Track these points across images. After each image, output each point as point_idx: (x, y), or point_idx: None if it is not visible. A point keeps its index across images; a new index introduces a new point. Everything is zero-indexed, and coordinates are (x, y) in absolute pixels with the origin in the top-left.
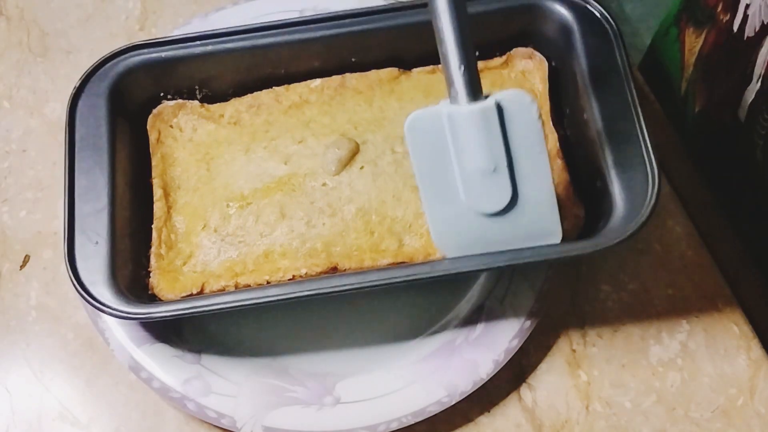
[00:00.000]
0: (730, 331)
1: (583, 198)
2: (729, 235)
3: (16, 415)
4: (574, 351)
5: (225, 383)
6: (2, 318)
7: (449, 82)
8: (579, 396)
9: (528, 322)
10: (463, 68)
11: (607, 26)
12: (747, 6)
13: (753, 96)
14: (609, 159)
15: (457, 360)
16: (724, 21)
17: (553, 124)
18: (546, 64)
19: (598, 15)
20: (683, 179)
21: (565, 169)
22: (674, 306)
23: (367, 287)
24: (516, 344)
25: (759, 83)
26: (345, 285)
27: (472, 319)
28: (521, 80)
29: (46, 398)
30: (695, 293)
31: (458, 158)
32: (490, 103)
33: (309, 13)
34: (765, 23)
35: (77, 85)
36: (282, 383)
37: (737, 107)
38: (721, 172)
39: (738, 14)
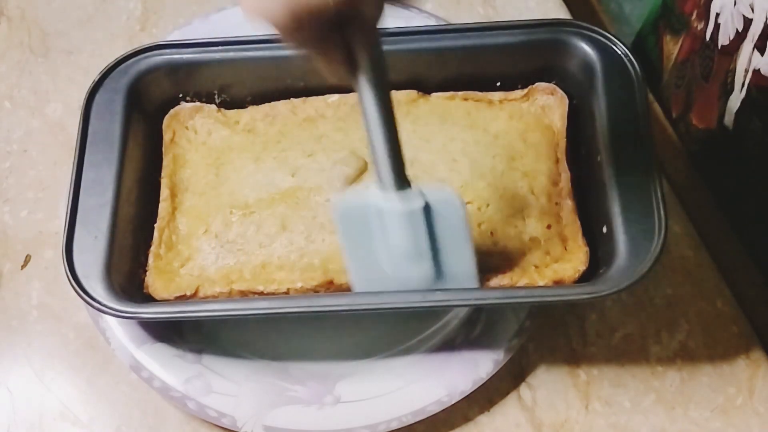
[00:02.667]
0: (729, 330)
1: (588, 240)
2: (729, 235)
3: (18, 415)
4: (573, 350)
5: (226, 383)
6: (3, 317)
7: (378, 173)
8: (578, 395)
9: (528, 322)
10: (390, 162)
11: (630, 68)
12: (717, 15)
13: (738, 104)
14: (617, 206)
15: (456, 359)
16: (698, 29)
17: (568, 163)
18: (567, 101)
19: (622, 56)
20: (683, 179)
21: (575, 211)
22: (673, 305)
23: (357, 310)
24: (516, 344)
25: (744, 92)
26: (335, 306)
27: (472, 319)
28: (540, 115)
29: (47, 398)
30: (695, 293)
31: (385, 244)
32: (417, 205)
33: None
34: (739, 31)
35: (96, 79)
36: (282, 383)
37: (723, 115)
38: (713, 172)
39: (710, 23)
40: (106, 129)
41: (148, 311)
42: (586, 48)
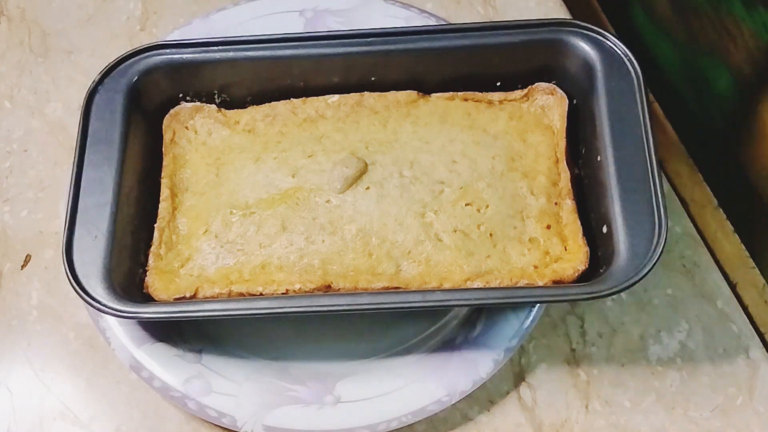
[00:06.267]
0: (729, 330)
1: (588, 240)
2: (729, 235)
3: (18, 414)
4: (573, 350)
5: (226, 382)
6: (4, 317)
7: None
8: (578, 395)
9: (528, 322)
10: None
11: (630, 68)
12: None
13: None
14: (617, 206)
15: (456, 359)
16: None
17: (568, 163)
18: (566, 101)
19: (622, 56)
20: (683, 179)
21: (575, 211)
22: (674, 305)
23: (357, 310)
24: (516, 343)
25: None
26: (335, 306)
27: (472, 319)
28: (540, 115)
29: (47, 397)
30: (695, 293)
31: None
32: None
33: (309, 13)
34: None
35: (96, 79)
36: (282, 382)
37: None
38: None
39: None
40: (106, 129)
41: (148, 311)
42: (586, 48)
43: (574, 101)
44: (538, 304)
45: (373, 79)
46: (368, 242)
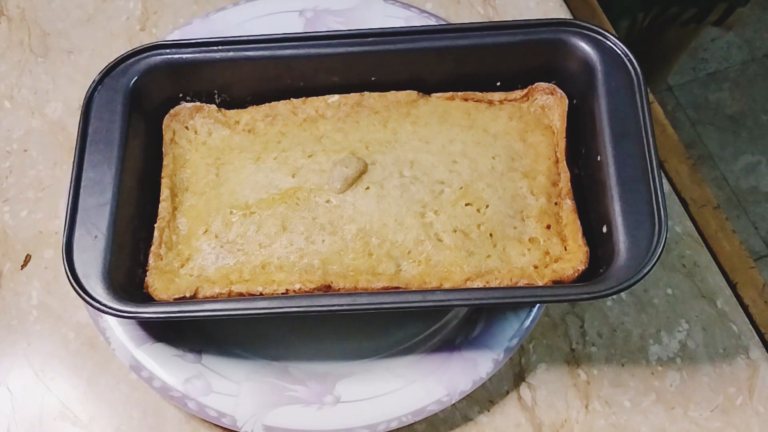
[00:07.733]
0: (729, 330)
1: (588, 240)
2: (729, 235)
3: (18, 414)
4: (573, 350)
5: (226, 382)
6: (3, 317)
7: None
8: (578, 395)
9: (528, 322)
10: None
11: (630, 68)
12: None
13: None
14: (617, 206)
15: (456, 359)
16: None
17: (568, 163)
18: (566, 101)
19: (622, 55)
20: (683, 179)
21: (575, 211)
22: (674, 305)
23: (357, 310)
24: (516, 343)
25: None
26: (335, 306)
27: (472, 319)
28: (540, 115)
29: (47, 397)
30: (695, 293)
31: None
32: None
33: (309, 13)
34: None
35: (96, 79)
36: (282, 382)
37: None
38: None
39: None
40: (106, 129)
41: (148, 311)
42: (586, 48)
43: (574, 101)
44: (538, 304)
45: (373, 79)
46: (368, 242)
